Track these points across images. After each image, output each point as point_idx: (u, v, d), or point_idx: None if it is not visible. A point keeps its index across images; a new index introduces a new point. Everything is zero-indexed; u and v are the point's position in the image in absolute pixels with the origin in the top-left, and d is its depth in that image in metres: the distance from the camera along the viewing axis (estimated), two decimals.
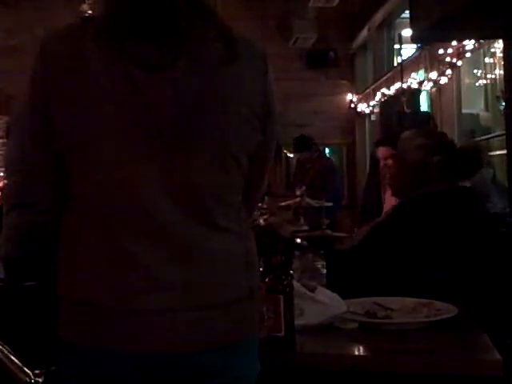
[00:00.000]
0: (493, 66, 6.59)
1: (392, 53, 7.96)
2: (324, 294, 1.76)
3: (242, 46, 1.24)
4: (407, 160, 2.36)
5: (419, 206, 2.26)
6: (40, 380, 1.32)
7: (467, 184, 2.52)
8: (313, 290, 1.78)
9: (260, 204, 3.80)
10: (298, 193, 6.08)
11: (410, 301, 1.86)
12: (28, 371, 1.32)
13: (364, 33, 8.12)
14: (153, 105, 1.16)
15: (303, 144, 6.73)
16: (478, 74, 6.89)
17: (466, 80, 6.72)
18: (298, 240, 2.59)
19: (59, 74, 1.18)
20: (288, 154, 7.55)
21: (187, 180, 1.19)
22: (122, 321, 1.16)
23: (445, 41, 5.17)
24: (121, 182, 1.18)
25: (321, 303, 1.71)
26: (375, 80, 7.94)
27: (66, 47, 1.19)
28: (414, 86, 6.33)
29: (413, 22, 3.43)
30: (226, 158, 1.22)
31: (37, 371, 1.32)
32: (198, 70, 1.18)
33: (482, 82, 6.91)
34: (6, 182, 2.32)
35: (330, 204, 5.39)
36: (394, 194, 2.53)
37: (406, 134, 2.52)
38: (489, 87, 6.89)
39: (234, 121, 1.23)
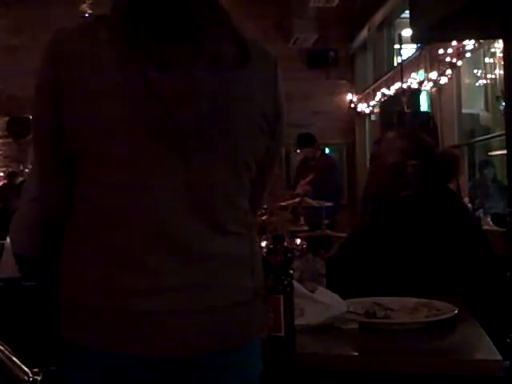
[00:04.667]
0: (493, 66, 6.58)
1: (392, 53, 7.96)
2: (324, 295, 1.76)
3: (253, 49, 1.24)
4: (386, 162, 2.35)
5: (401, 210, 2.26)
6: (38, 378, 1.32)
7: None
8: (313, 290, 1.78)
9: None
10: (299, 190, 6.08)
11: (410, 301, 1.86)
12: (26, 369, 1.32)
13: (364, 33, 8.12)
14: (171, 106, 1.14)
15: (306, 140, 6.78)
16: (478, 74, 6.88)
17: (466, 80, 6.71)
18: (298, 240, 2.58)
19: (72, 75, 1.16)
20: (297, 151, 7.56)
21: (200, 181, 1.19)
22: (124, 323, 1.16)
23: (445, 41, 5.17)
24: (129, 183, 1.17)
25: (321, 303, 1.71)
26: (375, 80, 7.95)
27: (78, 47, 1.17)
28: (414, 86, 6.34)
29: (413, 22, 3.43)
30: (238, 161, 1.22)
31: (35, 369, 1.32)
32: (215, 71, 1.17)
33: (481, 81, 6.91)
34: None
35: (330, 204, 5.39)
36: (368, 194, 2.53)
37: (390, 134, 2.51)
38: (489, 87, 6.89)
39: (246, 123, 1.22)
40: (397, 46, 7.04)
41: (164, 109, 1.14)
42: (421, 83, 6.27)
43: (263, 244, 2.17)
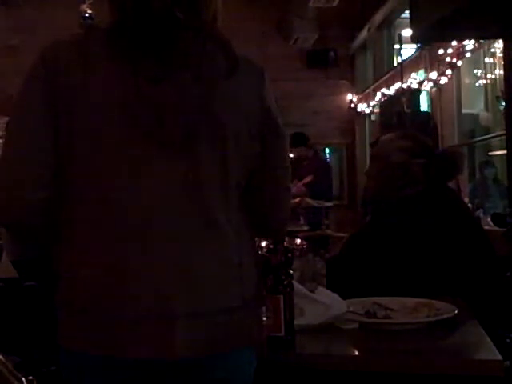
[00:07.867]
0: (493, 66, 6.57)
1: (392, 53, 7.95)
2: (324, 295, 1.76)
3: (241, 61, 1.27)
4: (389, 161, 2.35)
5: (401, 209, 2.26)
6: None
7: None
8: (313, 290, 1.78)
9: None
10: (294, 190, 6.09)
11: (410, 301, 1.86)
12: (20, 376, 1.32)
13: (364, 33, 8.11)
14: (161, 115, 1.18)
15: (299, 140, 6.76)
16: (478, 74, 6.88)
17: (466, 80, 6.71)
18: (298, 240, 2.58)
19: (67, 80, 1.18)
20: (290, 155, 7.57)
21: (190, 182, 1.20)
22: (122, 328, 1.17)
23: (445, 41, 5.16)
24: (123, 187, 1.19)
25: (321, 303, 1.71)
26: (375, 80, 7.94)
27: (73, 54, 1.20)
28: (414, 86, 6.33)
29: (413, 22, 3.43)
30: (226, 166, 1.24)
31: (30, 377, 1.31)
32: (200, 82, 1.20)
33: (481, 81, 6.90)
34: None
35: (330, 204, 5.40)
36: (369, 194, 2.52)
37: (390, 135, 2.51)
38: (489, 87, 6.88)
39: (232, 129, 1.24)
40: (397, 46, 7.04)
41: (154, 116, 1.17)
42: (421, 83, 6.27)
43: (263, 244, 2.17)
